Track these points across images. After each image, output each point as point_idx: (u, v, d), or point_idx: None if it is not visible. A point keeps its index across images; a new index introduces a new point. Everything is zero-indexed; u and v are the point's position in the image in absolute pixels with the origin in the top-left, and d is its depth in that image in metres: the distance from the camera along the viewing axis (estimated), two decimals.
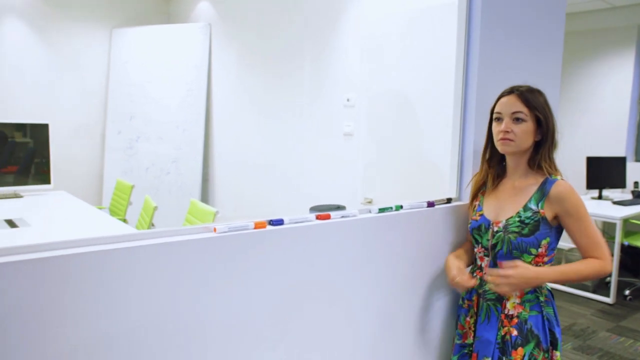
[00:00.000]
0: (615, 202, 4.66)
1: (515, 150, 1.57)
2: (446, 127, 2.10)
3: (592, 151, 5.50)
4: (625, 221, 4.32)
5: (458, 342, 1.72)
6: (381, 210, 1.63)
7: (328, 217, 1.48)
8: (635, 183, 5.16)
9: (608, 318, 3.96)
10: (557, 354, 1.55)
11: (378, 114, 3.05)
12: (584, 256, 1.54)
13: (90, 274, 1.04)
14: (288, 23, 4.07)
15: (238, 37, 4.67)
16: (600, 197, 4.93)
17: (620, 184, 5.00)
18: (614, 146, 5.54)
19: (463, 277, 1.59)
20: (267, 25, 4.31)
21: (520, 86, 1.58)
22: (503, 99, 1.58)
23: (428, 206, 1.78)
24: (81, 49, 5.07)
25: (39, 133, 3.69)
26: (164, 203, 4.81)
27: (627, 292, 4.37)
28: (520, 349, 1.51)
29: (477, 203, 1.70)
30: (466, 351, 1.69)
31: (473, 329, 1.65)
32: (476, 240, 1.66)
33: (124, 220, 3.86)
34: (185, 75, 4.94)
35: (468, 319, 1.68)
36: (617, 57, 5.57)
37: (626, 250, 4.56)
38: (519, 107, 1.53)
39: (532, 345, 1.51)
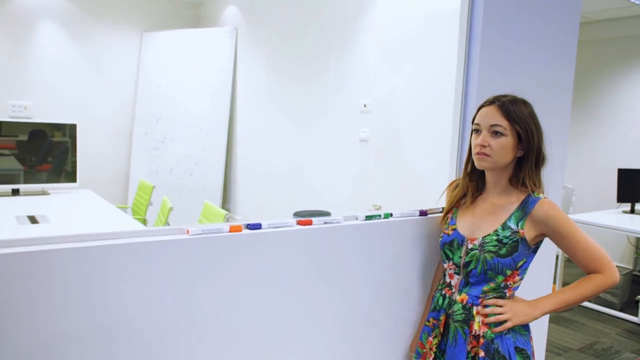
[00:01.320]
0: None
1: (492, 167, 1.47)
2: (449, 138, 2.06)
3: (625, 163, 5.27)
4: None
5: None
6: (368, 217, 1.62)
7: (310, 222, 1.47)
8: None
9: (634, 338, 3.78)
10: None
11: (391, 119, 3.03)
12: (586, 272, 1.48)
13: (55, 272, 1.07)
14: (310, 28, 4.09)
15: (263, 41, 4.72)
16: (632, 211, 4.73)
17: None
18: None
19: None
20: (290, 30, 4.34)
21: (504, 96, 1.47)
22: (483, 110, 1.47)
23: (420, 215, 1.74)
24: (113, 52, 5.24)
25: (68, 133, 3.83)
26: (186, 204, 4.90)
27: None
28: None
29: (450, 216, 1.61)
30: None
31: (435, 350, 1.58)
32: (447, 255, 1.57)
33: (143, 220, 3.96)
34: (211, 78, 5.03)
35: (430, 339, 1.60)
36: None
37: None
38: (499, 119, 1.42)
39: None
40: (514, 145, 1.44)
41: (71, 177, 3.80)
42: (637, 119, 5.44)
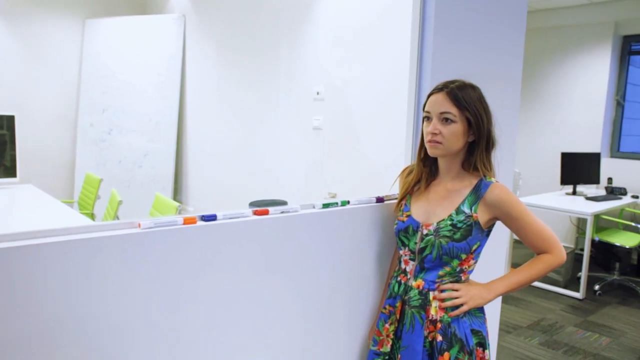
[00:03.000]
0: (588, 198, 4.68)
1: (444, 153, 1.48)
2: (404, 125, 2.08)
3: (567, 147, 5.51)
4: (597, 217, 4.34)
5: (373, 348, 1.63)
6: (325, 205, 1.60)
7: (266, 212, 1.45)
8: (609, 179, 5.19)
9: (576, 313, 3.98)
10: (487, 352, 1.53)
11: (345, 107, 3.03)
12: (536, 252, 1.52)
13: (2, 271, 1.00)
14: (261, 15, 4.02)
15: (212, 29, 4.61)
16: (574, 193, 4.96)
17: (595, 179, 5.03)
18: (589, 142, 5.56)
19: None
20: (241, 17, 4.26)
21: (452, 82, 1.47)
22: (432, 97, 1.48)
23: (377, 201, 1.75)
24: (53, 40, 4.98)
25: (6, 125, 3.62)
26: (136, 197, 4.75)
27: (596, 287, 4.40)
28: (446, 353, 1.47)
29: (404, 203, 1.62)
30: (380, 359, 1.61)
31: (392, 337, 1.59)
32: (402, 242, 1.57)
33: (91, 215, 3.81)
34: (159, 67, 4.88)
35: (387, 325, 1.60)
36: (593, 53, 5.58)
37: (597, 246, 4.58)
38: (448, 107, 1.43)
39: (456, 349, 1.47)
40: (464, 131, 1.45)
41: (10, 171, 3.60)
42: (577, 105, 5.69)
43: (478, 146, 1.48)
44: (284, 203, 1.54)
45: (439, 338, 1.48)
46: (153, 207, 3.15)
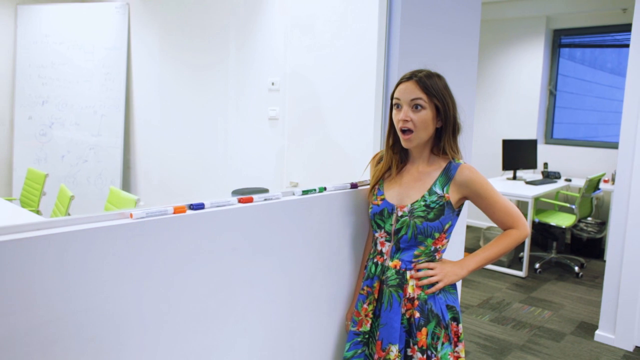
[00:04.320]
0: (527, 182, 4.98)
1: (418, 143, 1.56)
2: (370, 112, 2.14)
3: (508, 134, 5.82)
4: (536, 200, 4.63)
5: (352, 328, 1.70)
6: (305, 192, 1.64)
7: (251, 200, 1.46)
8: (545, 164, 5.53)
9: (520, 290, 4.24)
10: (460, 326, 1.62)
11: (306, 96, 3.05)
12: (502, 228, 1.62)
13: None
14: (212, 3, 3.95)
15: (159, 17, 4.48)
16: (514, 178, 5.25)
17: (532, 165, 5.35)
18: (527, 129, 5.90)
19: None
20: (189, 5, 4.16)
21: (420, 71, 1.54)
22: (402, 86, 1.55)
23: (352, 187, 1.80)
24: None
25: None
26: (83, 192, 4.57)
27: (537, 266, 4.70)
28: (424, 329, 1.55)
29: (377, 187, 1.68)
30: (359, 339, 1.67)
31: (370, 316, 1.65)
32: (378, 225, 1.63)
33: (37, 212, 3.63)
34: (102, 57, 4.68)
35: (365, 305, 1.66)
36: (528, 45, 5.91)
37: (537, 227, 4.89)
38: (418, 94, 1.51)
39: (433, 324, 1.55)
40: (433, 118, 1.54)
41: None
42: (519, 95, 6.00)
43: (445, 132, 1.57)
44: (265, 191, 1.55)
45: (417, 315, 1.56)
46: (108, 202, 3.05)
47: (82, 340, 1.11)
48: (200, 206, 1.33)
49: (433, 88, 1.52)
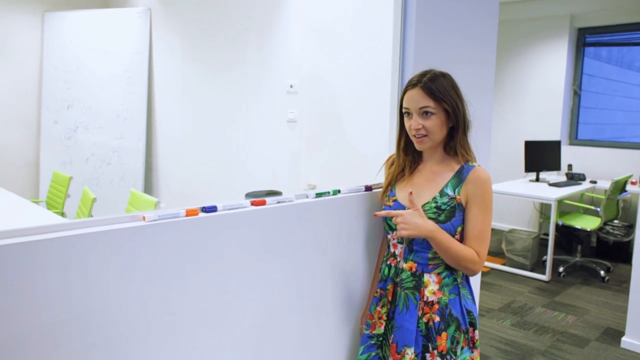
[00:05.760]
0: (551, 184, 4.88)
1: (432, 145, 1.55)
2: (386, 115, 2.13)
3: (530, 135, 5.72)
4: (560, 202, 4.54)
5: (366, 332, 1.68)
6: (318, 195, 1.64)
7: (263, 202, 1.47)
8: (569, 165, 5.42)
9: (543, 294, 4.16)
10: (477, 332, 1.59)
11: (323, 99, 3.06)
12: (466, 243, 1.52)
13: (6, 268, 0.99)
14: (231, 7, 3.99)
15: (179, 22, 4.54)
16: (537, 180, 5.15)
17: (556, 166, 5.24)
18: (550, 131, 5.79)
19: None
20: (209, 10, 4.21)
21: (424, 75, 1.52)
22: (408, 94, 1.53)
23: (366, 190, 1.80)
24: (10, 33, 4.79)
25: None
26: (106, 195, 4.65)
27: (561, 270, 4.60)
28: (444, 333, 1.53)
29: (389, 189, 1.67)
30: (373, 342, 1.65)
31: (384, 318, 1.63)
32: (390, 226, 1.61)
33: (62, 214, 3.71)
34: (124, 62, 4.77)
35: (379, 308, 1.65)
36: (551, 45, 5.80)
37: (560, 230, 4.79)
38: (426, 101, 1.49)
39: (453, 328, 1.53)
40: (444, 121, 1.52)
41: None
42: (538, 95, 5.90)
43: (457, 131, 1.55)
44: (279, 193, 1.56)
45: (437, 319, 1.54)
46: (129, 204, 3.10)
47: (92, 343, 1.13)
48: (212, 209, 1.34)
49: (439, 92, 1.49)
